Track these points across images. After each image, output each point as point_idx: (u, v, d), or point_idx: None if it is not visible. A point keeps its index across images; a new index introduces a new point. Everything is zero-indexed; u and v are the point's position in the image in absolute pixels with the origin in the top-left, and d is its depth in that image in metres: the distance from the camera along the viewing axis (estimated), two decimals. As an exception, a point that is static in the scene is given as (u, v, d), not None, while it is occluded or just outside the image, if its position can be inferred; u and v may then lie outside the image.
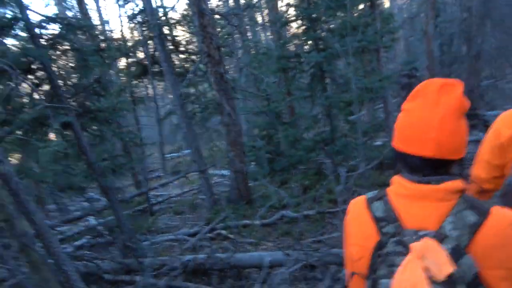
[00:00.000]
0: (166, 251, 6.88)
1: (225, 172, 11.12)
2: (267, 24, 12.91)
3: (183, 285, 5.04)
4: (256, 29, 14.86)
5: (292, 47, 10.33)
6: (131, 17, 8.60)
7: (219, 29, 12.67)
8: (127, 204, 9.40)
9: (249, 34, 14.31)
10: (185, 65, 9.41)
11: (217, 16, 11.62)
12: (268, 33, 14.85)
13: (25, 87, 5.99)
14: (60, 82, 6.29)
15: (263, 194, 8.41)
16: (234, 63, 12.86)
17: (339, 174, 6.35)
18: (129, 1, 8.68)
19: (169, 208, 9.98)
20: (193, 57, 9.37)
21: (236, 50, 10.18)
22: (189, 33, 9.27)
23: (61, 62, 6.41)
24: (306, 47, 9.68)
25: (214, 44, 7.98)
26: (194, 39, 9.20)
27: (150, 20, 7.82)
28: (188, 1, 7.55)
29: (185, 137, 8.84)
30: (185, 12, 9.31)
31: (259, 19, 14.80)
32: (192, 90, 9.96)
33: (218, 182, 10.62)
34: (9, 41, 5.81)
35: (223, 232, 6.97)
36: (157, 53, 8.59)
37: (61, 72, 6.43)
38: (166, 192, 11.56)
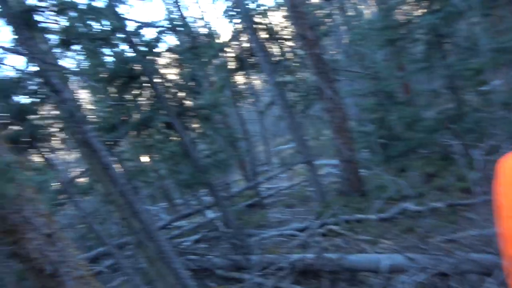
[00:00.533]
0: (275, 247, 6.63)
1: (335, 161, 10.43)
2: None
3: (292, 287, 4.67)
4: (357, 1, 13.62)
5: (399, 16, 9.00)
6: (224, 11, 8.56)
7: (317, 11, 11.92)
8: (237, 199, 9.47)
9: (350, 11, 13.17)
10: (282, 53, 9.00)
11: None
12: (372, 4, 13.47)
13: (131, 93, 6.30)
14: (161, 85, 6.49)
15: (379, 185, 7.51)
16: (334, 43, 11.96)
17: (473, 157, 5.16)
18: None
19: (280, 201, 9.77)
20: (289, 43, 8.89)
21: (336, 29, 9.35)
22: (282, 17, 8.84)
23: (159, 65, 6.62)
24: (416, 12, 8.28)
25: (308, 24, 7.38)
26: (289, 24, 8.72)
27: (241, 11, 7.57)
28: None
29: (289, 128, 8.45)
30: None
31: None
32: (290, 78, 9.50)
33: (328, 173, 9.98)
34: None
35: (335, 227, 6.40)
36: (251, 45, 8.35)
37: (162, 73, 6.63)
38: (276, 185, 11.40)
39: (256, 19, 8.47)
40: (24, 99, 4.33)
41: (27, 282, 2.76)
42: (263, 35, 8.80)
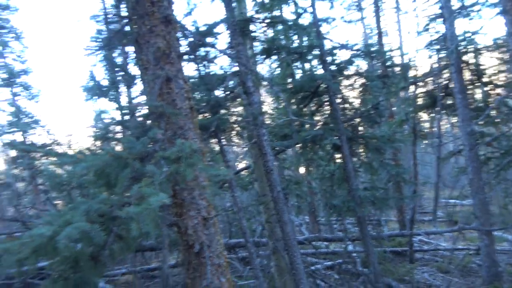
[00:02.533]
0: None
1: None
2: None
3: None
4: None
5: None
6: (429, 44, 7.90)
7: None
8: (385, 242, 8.72)
9: None
10: (487, 100, 7.74)
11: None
12: None
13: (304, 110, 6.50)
14: (340, 105, 6.49)
15: None
16: None
17: None
18: (429, 28, 7.97)
19: (433, 261, 8.57)
20: (500, 90, 7.58)
21: None
22: (499, 60, 7.57)
23: (344, 87, 6.62)
24: None
25: (534, 73, 6.14)
26: (504, 68, 7.43)
27: (449, 46, 6.87)
28: (504, 18, 6.08)
29: (470, 184, 7.25)
30: (498, 36, 7.67)
31: None
32: (490, 130, 8.10)
33: (506, 251, 8.18)
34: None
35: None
36: (451, 84, 7.48)
37: (344, 96, 6.63)
38: (435, 242, 10.04)
39: (465, 57, 7.54)
40: (220, 94, 4.99)
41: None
42: (468, 75, 7.77)
